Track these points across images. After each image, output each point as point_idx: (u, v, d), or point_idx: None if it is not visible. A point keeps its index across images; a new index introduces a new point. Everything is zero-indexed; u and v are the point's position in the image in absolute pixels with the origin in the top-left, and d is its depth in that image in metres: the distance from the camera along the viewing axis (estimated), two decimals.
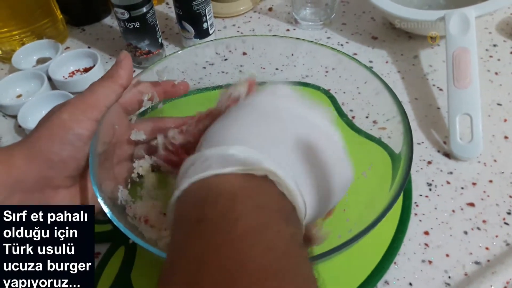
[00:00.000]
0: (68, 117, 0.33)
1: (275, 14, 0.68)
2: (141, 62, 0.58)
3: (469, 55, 0.47)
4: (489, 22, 0.62)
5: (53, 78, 0.56)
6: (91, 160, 0.33)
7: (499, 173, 0.44)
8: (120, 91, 0.36)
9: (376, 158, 0.39)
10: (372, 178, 0.38)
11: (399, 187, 0.31)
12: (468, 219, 0.40)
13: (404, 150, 0.34)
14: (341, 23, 0.65)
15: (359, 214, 0.34)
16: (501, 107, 0.50)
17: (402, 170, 0.33)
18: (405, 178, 0.32)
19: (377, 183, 0.36)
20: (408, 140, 0.35)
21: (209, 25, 0.59)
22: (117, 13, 0.53)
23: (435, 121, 0.49)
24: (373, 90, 0.43)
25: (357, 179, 0.39)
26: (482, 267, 0.37)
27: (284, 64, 0.50)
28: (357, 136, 0.44)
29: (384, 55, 0.59)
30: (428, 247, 0.38)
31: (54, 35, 0.63)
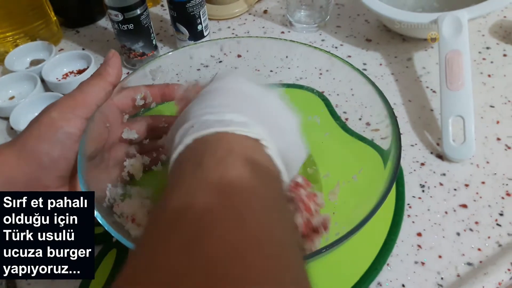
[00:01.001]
0: (58, 115, 0.33)
1: (270, 16, 0.68)
2: (135, 64, 0.58)
3: (462, 58, 0.47)
4: (482, 24, 0.63)
5: (47, 80, 0.56)
6: (80, 159, 0.32)
7: (491, 175, 0.44)
8: (109, 88, 0.36)
9: (367, 161, 0.39)
10: (362, 181, 0.38)
11: (387, 185, 0.31)
12: (460, 220, 0.40)
13: (392, 151, 0.35)
14: (336, 25, 0.65)
15: (348, 217, 0.34)
16: (493, 109, 0.50)
17: (390, 170, 0.33)
18: (394, 177, 0.32)
19: (368, 186, 0.36)
20: (396, 140, 0.35)
21: (203, 27, 0.59)
22: (111, 15, 0.53)
23: (428, 123, 0.49)
24: (365, 93, 0.43)
25: (347, 182, 0.39)
26: (475, 268, 0.37)
27: (279, 66, 0.51)
28: (350, 138, 0.44)
29: (378, 57, 0.59)
30: (420, 248, 0.38)
31: (48, 36, 0.63)
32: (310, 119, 0.47)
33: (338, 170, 0.41)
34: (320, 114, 0.47)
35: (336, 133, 0.45)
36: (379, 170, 0.35)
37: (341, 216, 0.35)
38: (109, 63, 0.36)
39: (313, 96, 0.49)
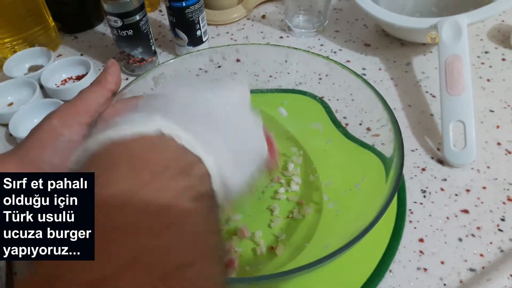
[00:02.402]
0: (59, 123, 0.33)
1: (268, 21, 0.68)
2: (134, 70, 0.58)
3: (462, 62, 0.47)
4: (481, 29, 0.63)
5: (45, 86, 0.55)
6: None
7: (492, 180, 0.44)
8: (109, 95, 0.36)
9: (369, 168, 0.39)
10: (365, 190, 0.38)
11: (388, 196, 0.31)
12: (462, 226, 0.40)
13: (395, 160, 0.34)
14: (334, 30, 0.65)
15: (350, 226, 0.34)
16: (493, 114, 0.50)
17: (391, 182, 0.33)
18: (395, 189, 0.32)
19: (370, 194, 0.35)
20: (398, 148, 0.35)
21: (202, 33, 0.59)
22: (110, 21, 0.53)
23: (428, 128, 0.49)
24: (365, 97, 0.43)
25: (349, 190, 0.39)
26: (477, 274, 0.37)
27: (278, 72, 0.50)
28: (353, 145, 0.44)
29: (377, 62, 0.59)
30: (423, 254, 0.38)
31: (46, 42, 0.63)
32: (313, 126, 0.46)
33: (340, 178, 0.41)
34: (322, 121, 0.47)
35: (339, 140, 0.45)
36: (382, 179, 0.35)
37: (343, 226, 0.35)
38: (108, 71, 0.37)
39: (313, 101, 0.49)
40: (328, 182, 0.40)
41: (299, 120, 0.48)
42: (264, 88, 0.51)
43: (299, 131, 0.48)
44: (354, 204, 0.37)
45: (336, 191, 0.39)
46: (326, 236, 0.36)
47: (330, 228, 0.37)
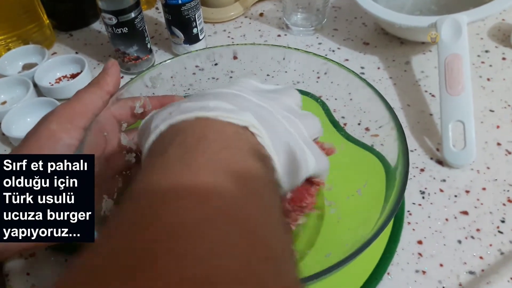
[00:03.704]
0: (57, 127, 0.32)
1: (266, 19, 0.67)
2: (129, 68, 0.57)
3: (462, 62, 0.46)
4: (481, 28, 0.62)
5: (39, 84, 0.55)
6: None
7: (492, 181, 0.43)
8: (107, 97, 0.35)
9: (371, 173, 0.38)
10: (367, 196, 0.37)
11: (392, 208, 0.30)
12: (461, 227, 0.40)
13: (399, 169, 0.33)
14: (333, 28, 0.64)
15: (351, 234, 0.33)
16: (493, 114, 0.50)
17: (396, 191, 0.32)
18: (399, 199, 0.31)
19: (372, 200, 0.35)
20: (403, 155, 0.34)
21: (199, 31, 0.58)
22: (105, 18, 0.52)
23: (428, 128, 0.49)
24: (364, 97, 0.42)
25: (351, 196, 0.38)
26: (477, 277, 0.36)
27: (275, 70, 0.50)
28: (351, 146, 0.43)
29: (376, 61, 0.58)
30: (421, 256, 0.38)
31: (41, 40, 0.62)
32: None
33: (341, 183, 0.40)
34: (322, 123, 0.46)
35: (335, 139, 0.44)
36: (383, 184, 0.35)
37: (344, 233, 0.34)
38: (108, 72, 0.36)
39: (311, 101, 0.49)
40: (330, 187, 0.39)
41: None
42: None
43: None
44: (356, 210, 0.36)
45: (338, 197, 0.38)
46: (328, 243, 0.36)
47: (332, 235, 0.36)
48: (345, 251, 0.31)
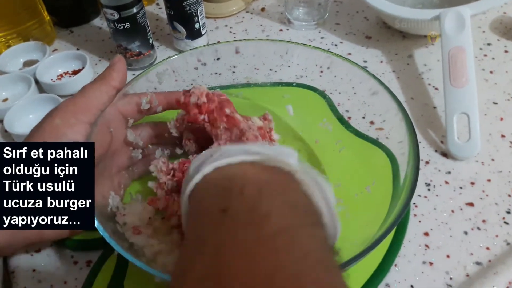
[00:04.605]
0: (61, 122, 0.32)
1: (267, 14, 0.67)
2: (131, 64, 0.57)
3: (465, 54, 0.46)
4: (483, 21, 0.62)
5: (41, 81, 0.54)
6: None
7: (497, 172, 0.43)
8: (113, 93, 0.35)
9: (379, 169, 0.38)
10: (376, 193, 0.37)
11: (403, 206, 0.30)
12: (467, 219, 0.40)
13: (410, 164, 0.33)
14: (335, 23, 0.64)
15: (361, 232, 0.33)
16: (497, 106, 0.50)
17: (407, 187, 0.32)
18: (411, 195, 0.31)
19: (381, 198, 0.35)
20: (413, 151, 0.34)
21: (201, 26, 0.58)
22: (107, 14, 0.52)
23: (432, 121, 0.49)
24: (369, 90, 0.42)
25: (360, 193, 0.38)
26: (484, 267, 0.36)
27: (278, 65, 0.50)
28: (355, 139, 0.43)
29: (379, 54, 0.58)
30: (428, 248, 0.38)
31: (41, 36, 0.62)
32: (321, 125, 0.45)
33: (349, 180, 0.40)
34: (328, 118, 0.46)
35: (348, 140, 0.43)
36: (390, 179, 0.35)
37: (353, 231, 0.34)
38: (114, 67, 0.36)
39: (315, 95, 0.48)
40: (338, 184, 0.39)
41: (306, 118, 0.47)
42: (264, 82, 0.50)
43: (307, 130, 0.47)
44: (365, 208, 0.36)
45: (346, 194, 0.38)
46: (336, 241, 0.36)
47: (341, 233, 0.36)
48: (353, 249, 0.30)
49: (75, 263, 0.38)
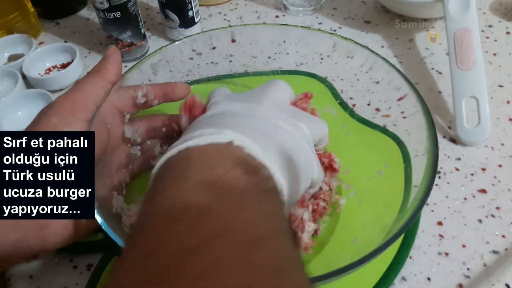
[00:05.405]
0: (58, 120, 0.30)
1: (262, 0, 0.65)
2: (123, 55, 0.54)
3: (471, 36, 0.45)
4: (482, 2, 0.61)
5: (28, 75, 0.52)
6: None
7: (507, 157, 0.42)
8: (108, 87, 0.33)
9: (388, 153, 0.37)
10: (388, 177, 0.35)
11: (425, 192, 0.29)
12: (481, 206, 0.38)
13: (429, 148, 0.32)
14: (332, 7, 0.62)
15: (378, 216, 0.32)
16: (502, 89, 0.49)
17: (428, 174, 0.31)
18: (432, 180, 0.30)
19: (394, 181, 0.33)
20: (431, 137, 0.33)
21: (194, 13, 0.55)
22: (96, 3, 0.49)
23: (438, 106, 0.47)
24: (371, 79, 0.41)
25: (371, 178, 0.37)
26: (501, 256, 0.35)
27: (277, 52, 0.48)
28: (361, 126, 0.42)
29: (379, 39, 0.56)
30: (443, 238, 0.36)
31: (26, 29, 0.59)
32: (325, 111, 0.44)
33: (359, 165, 0.38)
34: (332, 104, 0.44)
35: (353, 125, 0.42)
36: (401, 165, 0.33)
37: (369, 216, 0.32)
38: (108, 60, 0.34)
39: (317, 82, 0.47)
40: (347, 170, 0.38)
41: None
42: (264, 71, 0.48)
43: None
44: (379, 192, 0.35)
45: (356, 179, 0.36)
46: (351, 228, 0.34)
47: (354, 220, 0.35)
48: (373, 236, 0.29)
49: (74, 268, 0.36)
